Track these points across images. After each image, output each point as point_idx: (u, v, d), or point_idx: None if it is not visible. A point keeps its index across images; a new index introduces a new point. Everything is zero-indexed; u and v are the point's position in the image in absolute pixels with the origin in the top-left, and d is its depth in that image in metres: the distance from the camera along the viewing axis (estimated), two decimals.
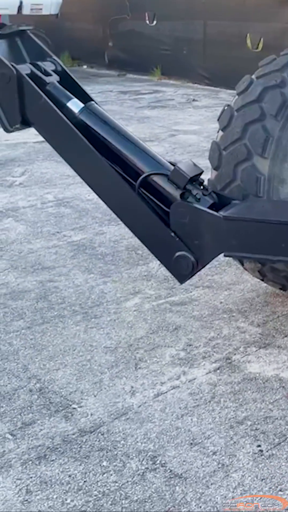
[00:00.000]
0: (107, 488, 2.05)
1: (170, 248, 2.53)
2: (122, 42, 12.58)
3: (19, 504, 1.98)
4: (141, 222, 2.61)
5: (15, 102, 2.60)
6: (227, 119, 2.88)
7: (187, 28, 11.08)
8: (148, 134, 7.26)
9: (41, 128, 2.71)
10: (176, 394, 2.50)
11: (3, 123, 2.69)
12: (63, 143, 2.66)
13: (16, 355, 2.79)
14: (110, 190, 2.64)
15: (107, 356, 2.77)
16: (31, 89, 2.59)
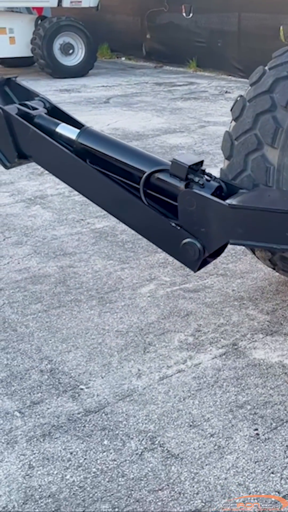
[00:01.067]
0: (106, 466, 2.13)
1: (176, 239, 2.59)
2: (159, 34, 12.63)
3: (20, 478, 2.09)
4: (148, 224, 2.69)
5: (8, 140, 2.77)
6: (239, 109, 2.91)
7: (222, 20, 11.07)
8: (179, 125, 7.30)
9: (37, 158, 2.86)
10: (180, 378, 2.58)
11: (2, 161, 2.86)
12: (59, 166, 2.80)
13: (31, 337, 2.90)
14: (112, 200, 2.72)
15: (117, 340, 2.86)
16: (19, 123, 2.76)
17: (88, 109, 8.29)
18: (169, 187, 2.62)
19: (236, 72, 10.95)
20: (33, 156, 2.87)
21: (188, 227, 2.57)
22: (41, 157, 2.86)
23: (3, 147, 2.84)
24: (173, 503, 1.98)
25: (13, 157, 2.85)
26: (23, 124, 2.77)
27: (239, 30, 10.83)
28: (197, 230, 2.56)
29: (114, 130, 7.07)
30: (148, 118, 7.74)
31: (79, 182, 2.81)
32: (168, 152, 6.11)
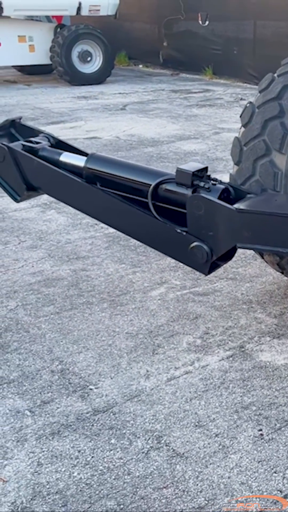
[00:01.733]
0: (112, 464, 2.18)
1: (184, 244, 2.64)
2: (176, 42, 12.72)
3: (29, 475, 2.15)
4: (159, 236, 2.74)
5: (16, 174, 2.88)
6: (249, 115, 2.96)
7: (238, 28, 11.13)
8: (194, 131, 7.36)
9: (46, 188, 2.95)
10: (188, 379, 2.62)
11: (12, 195, 2.97)
12: (68, 194, 2.89)
13: (43, 338, 2.96)
14: (124, 219, 2.80)
15: (127, 342, 2.91)
16: (23, 156, 2.87)
17: (104, 116, 8.38)
18: (177, 196, 2.67)
19: (251, 80, 10.99)
20: (41, 187, 2.97)
21: (196, 231, 2.62)
22: (50, 187, 2.95)
23: (11, 182, 2.95)
24: (177, 500, 2.02)
25: (22, 190, 2.95)
26: (28, 157, 2.88)
27: (255, 37, 10.88)
28: (205, 234, 2.60)
29: (130, 137, 7.15)
30: (164, 124, 7.80)
31: (90, 206, 2.88)
32: (183, 158, 6.17)
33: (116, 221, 2.86)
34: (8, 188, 2.97)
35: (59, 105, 9.24)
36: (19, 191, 2.96)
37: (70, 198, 2.94)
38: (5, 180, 2.97)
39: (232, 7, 11.15)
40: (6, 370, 2.72)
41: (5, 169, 2.92)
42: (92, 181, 2.83)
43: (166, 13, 12.74)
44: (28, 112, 8.72)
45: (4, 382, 2.64)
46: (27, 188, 2.94)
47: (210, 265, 2.61)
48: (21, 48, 11.20)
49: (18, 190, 2.96)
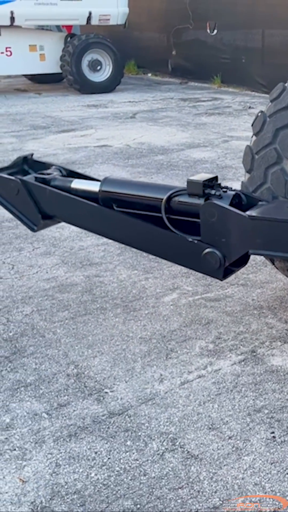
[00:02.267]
0: (128, 465, 2.24)
1: (198, 252, 2.70)
2: (185, 51, 12.84)
3: (48, 475, 2.20)
4: (175, 248, 2.80)
5: (31, 204, 2.97)
6: (260, 124, 3.02)
7: (246, 37, 11.22)
8: (203, 139, 7.43)
9: (61, 215, 3.04)
10: (201, 383, 2.67)
11: (29, 225, 3.05)
12: (84, 218, 2.97)
13: (59, 343, 3.02)
14: (142, 237, 2.86)
15: (141, 346, 2.97)
16: (36, 187, 2.97)
17: (114, 124, 8.46)
18: (190, 207, 2.73)
19: (259, 88, 11.07)
20: (56, 214, 3.05)
21: (209, 238, 2.68)
22: (65, 214, 3.03)
23: (27, 213, 3.03)
24: (192, 500, 2.07)
25: (38, 219, 3.03)
26: (41, 187, 2.98)
27: (263, 46, 10.96)
28: (218, 240, 2.66)
29: (140, 145, 7.22)
30: (173, 133, 7.88)
31: (108, 228, 2.95)
32: (192, 166, 6.23)
33: (134, 239, 2.92)
34: (25, 219, 3.06)
35: (70, 114, 9.34)
36: (35, 221, 3.04)
37: (86, 222, 3.01)
38: (21, 212, 3.05)
39: (241, 16, 11.24)
40: (23, 374, 2.78)
41: (20, 202, 3.02)
42: (108, 204, 2.90)
43: (175, 22, 12.85)
44: (39, 121, 8.82)
45: (21, 386, 2.70)
46: (43, 217, 3.02)
47: (224, 270, 2.66)
48: (32, 57, 11.32)
49: (34, 220, 3.04)
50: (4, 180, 3.03)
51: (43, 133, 8.03)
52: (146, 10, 13.40)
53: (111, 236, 3.03)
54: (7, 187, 3.02)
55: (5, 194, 3.05)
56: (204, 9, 12.11)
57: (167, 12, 13.12)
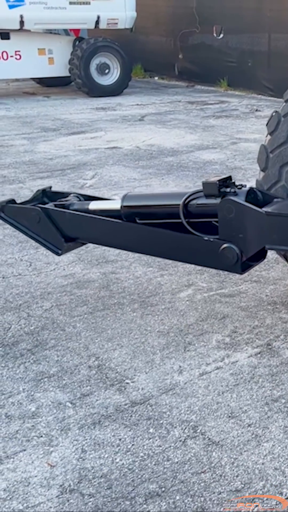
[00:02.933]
0: (152, 451, 2.32)
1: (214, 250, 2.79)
2: (191, 54, 12.94)
3: (75, 460, 2.29)
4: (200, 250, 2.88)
5: (52, 230, 3.08)
6: (275, 124, 3.11)
7: (253, 41, 11.32)
8: (212, 141, 7.52)
9: (82, 235, 3.15)
10: (219, 374, 2.76)
11: (53, 250, 3.17)
12: (103, 234, 3.07)
13: (79, 336, 3.11)
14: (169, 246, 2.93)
15: (159, 339, 3.05)
16: (55, 212, 3.09)
17: (124, 126, 8.56)
18: (208, 208, 2.82)
19: (266, 91, 11.17)
20: (79, 236, 3.15)
21: (227, 234, 2.76)
22: (86, 234, 3.13)
23: (51, 239, 3.14)
24: (215, 484, 2.16)
25: (61, 243, 3.13)
26: (60, 211, 3.10)
27: (269, 50, 11.06)
28: (236, 236, 2.75)
29: (149, 147, 7.32)
30: (182, 135, 7.97)
31: (132, 242, 3.03)
32: (202, 168, 6.33)
33: (158, 248, 2.99)
34: (49, 245, 3.17)
35: (79, 116, 9.44)
36: (59, 245, 3.13)
37: (110, 239, 3.10)
38: (45, 239, 3.16)
39: (247, 20, 11.35)
40: (46, 366, 2.87)
41: (42, 229, 3.12)
42: (131, 219, 3.00)
43: (181, 26, 12.95)
44: (49, 123, 8.93)
45: (45, 377, 2.79)
46: (65, 240, 3.12)
47: (243, 264, 2.75)
48: (41, 61, 11.43)
49: (57, 245, 3.14)
50: (26, 210, 3.16)
51: (54, 135, 8.13)
52: (153, 14, 13.51)
53: (136, 249, 3.12)
54: (29, 216, 3.14)
55: (28, 223, 3.16)
56: (211, 13, 12.22)
57: (174, 16, 13.24)
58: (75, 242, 3.17)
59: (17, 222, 3.20)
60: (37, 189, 3.34)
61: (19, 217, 3.18)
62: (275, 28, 10.83)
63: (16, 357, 2.95)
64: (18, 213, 3.18)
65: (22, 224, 3.18)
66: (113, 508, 2.07)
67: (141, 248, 3.08)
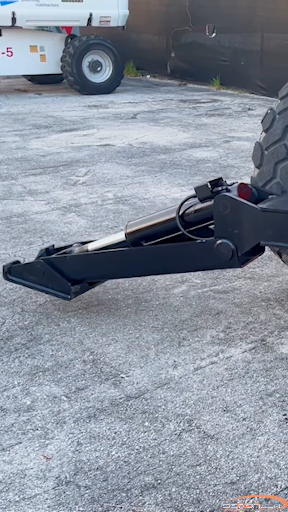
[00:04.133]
0: (148, 444, 2.33)
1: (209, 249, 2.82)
2: (183, 53, 12.96)
3: (70, 453, 2.30)
4: (191, 256, 2.96)
5: (57, 277, 3.18)
6: (270, 121, 3.13)
7: (245, 40, 11.36)
8: (204, 140, 7.54)
9: (87, 274, 3.23)
10: (213, 369, 2.78)
11: (63, 296, 3.22)
12: (108, 267, 3.18)
13: (73, 331, 3.12)
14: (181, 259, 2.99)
15: (154, 335, 3.07)
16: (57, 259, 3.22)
17: (116, 124, 8.57)
18: (206, 211, 2.85)
19: (258, 90, 11.20)
20: (84, 277, 3.24)
21: (222, 230, 2.78)
22: (91, 272, 3.23)
23: (57, 286, 3.21)
24: (210, 476, 2.17)
25: (68, 288, 3.19)
26: (61, 257, 3.23)
27: (262, 49, 11.09)
28: (231, 232, 2.77)
29: (142, 144, 7.33)
30: (175, 133, 7.99)
31: (142, 266, 3.10)
32: (195, 166, 6.34)
33: (165, 265, 3.07)
34: (57, 293, 3.22)
35: (71, 114, 9.43)
36: (66, 290, 3.19)
37: (117, 269, 3.19)
38: (52, 288, 3.22)
39: (240, 19, 11.37)
40: (40, 360, 2.88)
41: (49, 279, 3.21)
42: (137, 243, 3.08)
43: (174, 25, 12.97)
44: (41, 120, 8.92)
45: (39, 371, 2.79)
46: (72, 284, 3.19)
47: (241, 258, 2.78)
48: (32, 58, 11.40)
49: (65, 290, 3.20)
50: (30, 265, 3.27)
51: (46, 132, 8.12)
52: (146, 12, 13.52)
53: (144, 271, 3.19)
54: (34, 271, 3.23)
55: (35, 278, 3.25)
56: (203, 12, 12.24)
57: (167, 15, 13.25)
58: (82, 284, 3.24)
59: (24, 280, 3.29)
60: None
61: (25, 274, 3.28)
62: (268, 27, 10.87)
63: (10, 351, 2.95)
64: (24, 271, 3.28)
65: (30, 280, 3.27)
66: (109, 500, 2.08)
67: (149, 269, 3.13)
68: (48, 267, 3.19)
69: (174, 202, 5.03)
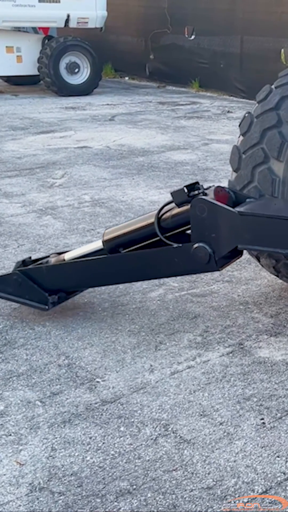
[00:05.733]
0: (123, 449, 2.30)
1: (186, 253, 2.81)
2: (162, 55, 12.94)
3: (44, 459, 2.26)
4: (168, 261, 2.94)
5: (34, 288, 3.15)
6: (247, 125, 3.12)
7: (225, 42, 11.38)
8: (183, 142, 7.54)
9: (63, 284, 3.22)
10: (190, 373, 2.75)
11: (40, 307, 3.19)
12: (85, 275, 3.16)
13: (49, 335, 3.08)
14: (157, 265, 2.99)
15: (130, 339, 3.04)
16: (33, 270, 3.20)
17: (94, 126, 8.52)
18: (183, 216, 2.84)
19: (238, 93, 11.23)
20: (61, 286, 3.21)
21: (199, 233, 2.77)
22: (68, 281, 3.22)
23: (34, 297, 3.17)
24: (186, 481, 2.15)
25: (45, 298, 3.16)
26: (37, 267, 3.22)
27: (242, 52, 11.13)
28: (208, 236, 2.75)
29: (120, 147, 7.30)
30: (153, 135, 7.97)
31: (119, 272, 3.08)
32: (173, 168, 6.33)
33: (143, 271, 3.06)
34: (35, 304, 3.19)
35: (48, 115, 9.36)
36: (43, 301, 3.16)
37: (94, 278, 3.18)
38: (30, 299, 3.19)
39: (219, 22, 11.39)
40: (14, 364, 2.83)
41: (26, 290, 3.17)
42: (115, 251, 3.07)
43: (152, 27, 12.94)
44: (17, 122, 8.84)
45: (13, 375, 2.75)
46: (49, 294, 3.16)
47: (218, 261, 2.76)
48: (8, 59, 11.29)
49: (42, 300, 3.16)
50: (6, 277, 3.22)
51: (22, 134, 8.05)
52: (124, 14, 13.47)
53: (123, 279, 3.18)
54: (10, 282, 3.19)
55: (12, 290, 3.20)
56: (183, 13, 12.23)
57: (145, 16, 13.22)
58: (59, 294, 3.20)
59: (2, 292, 3.24)
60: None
61: (2, 286, 3.23)
62: (248, 30, 10.89)
63: None
64: (0, 283, 3.24)
65: (6, 292, 3.22)
66: (84, 506, 2.04)
67: (127, 276, 3.12)
68: (25, 278, 3.15)
69: (152, 205, 5.02)
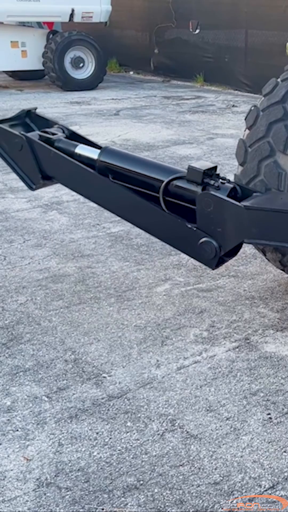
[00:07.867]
0: (130, 445, 2.30)
1: (194, 239, 2.77)
2: (167, 49, 12.91)
3: (51, 454, 2.26)
4: (168, 229, 2.88)
5: (32, 163, 3.02)
6: (253, 118, 3.11)
7: (229, 36, 11.35)
8: (188, 136, 7.51)
9: (60, 178, 3.09)
10: (197, 368, 2.75)
11: (27, 183, 3.11)
12: (81, 184, 3.03)
13: (55, 330, 3.07)
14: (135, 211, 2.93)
15: (136, 334, 3.03)
16: (40, 147, 3.00)
17: (99, 121, 8.51)
18: (187, 192, 2.81)
19: (242, 87, 11.20)
20: (56, 176, 3.10)
21: (205, 227, 2.76)
22: (64, 177, 3.09)
23: (28, 171, 3.08)
24: (193, 477, 2.15)
25: (37, 179, 3.08)
26: (45, 147, 3.01)
27: (246, 46, 11.08)
28: (214, 230, 2.74)
29: (125, 141, 7.28)
30: (158, 130, 7.95)
31: (102, 197, 3.02)
32: (179, 162, 6.30)
33: (127, 213, 2.99)
34: (24, 176, 3.09)
35: (53, 110, 9.34)
36: (35, 180, 3.08)
37: (83, 189, 3.07)
38: (21, 169, 3.09)
39: (224, 16, 11.35)
40: (21, 360, 2.83)
41: (22, 158, 3.04)
42: (104, 173, 2.96)
43: (157, 21, 12.91)
44: None
45: (20, 371, 2.75)
46: (43, 177, 3.06)
47: (218, 260, 2.75)
48: (13, 54, 11.29)
49: (33, 179, 3.08)
50: (9, 134, 3.04)
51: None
52: (129, 8, 13.44)
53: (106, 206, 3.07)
54: (11, 141, 3.03)
55: (8, 148, 3.06)
56: (187, 8, 12.19)
57: (150, 10, 13.18)
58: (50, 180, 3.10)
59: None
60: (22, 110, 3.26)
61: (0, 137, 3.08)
62: (252, 23, 10.85)
63: None
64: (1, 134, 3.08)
65: (1, 145, 3.08)
66: (91, 501, 2.04)
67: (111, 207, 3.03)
68: (28, 148, 3.00)
69: None
